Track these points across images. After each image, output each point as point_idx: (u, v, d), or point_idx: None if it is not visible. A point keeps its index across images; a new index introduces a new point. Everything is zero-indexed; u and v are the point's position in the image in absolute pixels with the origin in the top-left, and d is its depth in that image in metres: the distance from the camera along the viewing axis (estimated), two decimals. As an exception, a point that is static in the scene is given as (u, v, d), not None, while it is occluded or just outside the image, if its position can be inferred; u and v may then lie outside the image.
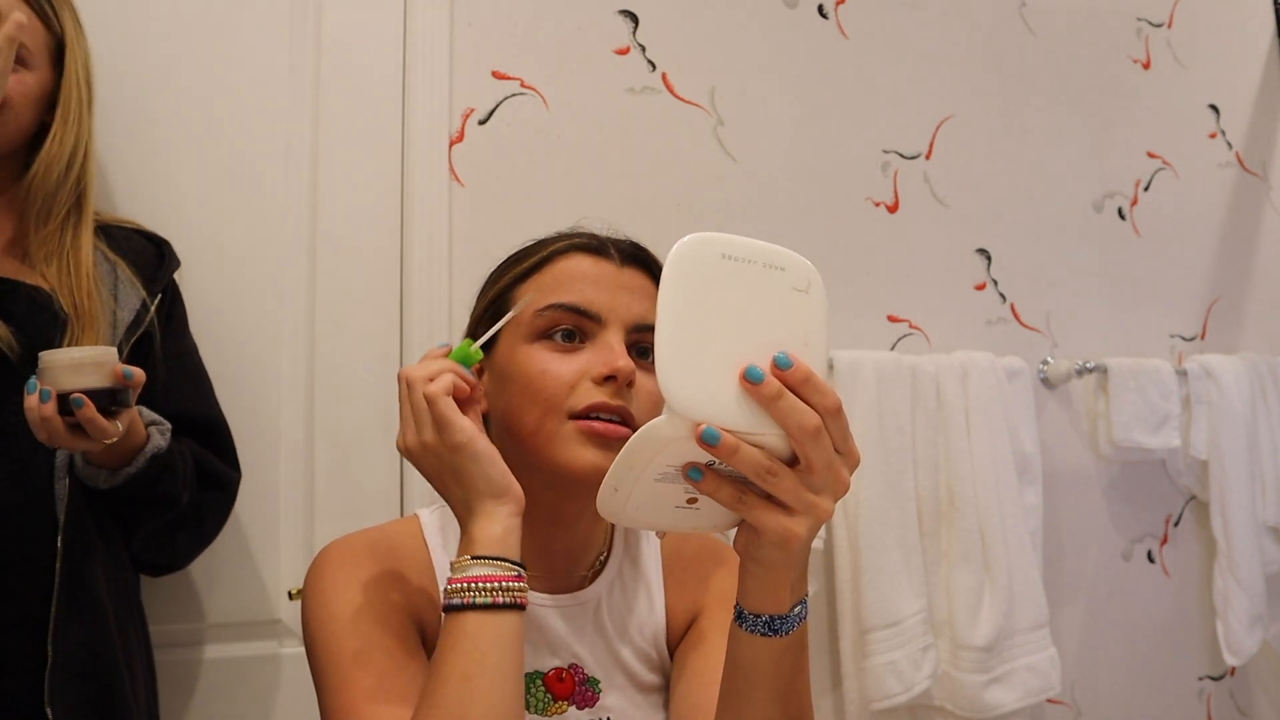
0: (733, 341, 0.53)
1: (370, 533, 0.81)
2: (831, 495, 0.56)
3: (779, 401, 0.52)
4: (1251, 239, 2.18)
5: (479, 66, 1.44)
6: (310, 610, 0.74)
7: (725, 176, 1.59)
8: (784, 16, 1.67)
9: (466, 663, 0.62)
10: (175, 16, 1.28)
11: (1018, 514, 1.61)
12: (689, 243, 0.54)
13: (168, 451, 1.00)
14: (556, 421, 0.72)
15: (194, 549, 1.14)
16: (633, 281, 0.77)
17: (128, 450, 0.97)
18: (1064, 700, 1.81)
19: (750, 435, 0.53)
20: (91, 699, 0.94)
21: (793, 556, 0.57)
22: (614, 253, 0.78)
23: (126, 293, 1.06)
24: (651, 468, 0.55)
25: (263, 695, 1.25)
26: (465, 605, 0.63)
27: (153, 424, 1.01)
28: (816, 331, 0.56)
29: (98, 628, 0.96)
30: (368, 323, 1.34)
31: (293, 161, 1.32)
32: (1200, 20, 2.15)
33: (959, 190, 1.79)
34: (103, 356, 0.89)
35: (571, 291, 0.75)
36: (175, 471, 1.02)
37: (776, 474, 0.54)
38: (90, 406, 0.86)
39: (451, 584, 0.65)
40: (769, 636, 0.61)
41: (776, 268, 0.56)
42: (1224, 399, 1.92)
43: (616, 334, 0.74)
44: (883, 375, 1.54)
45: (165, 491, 1.02)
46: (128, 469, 0.97)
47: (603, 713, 0.78)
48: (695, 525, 0.61)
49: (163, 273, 1.12)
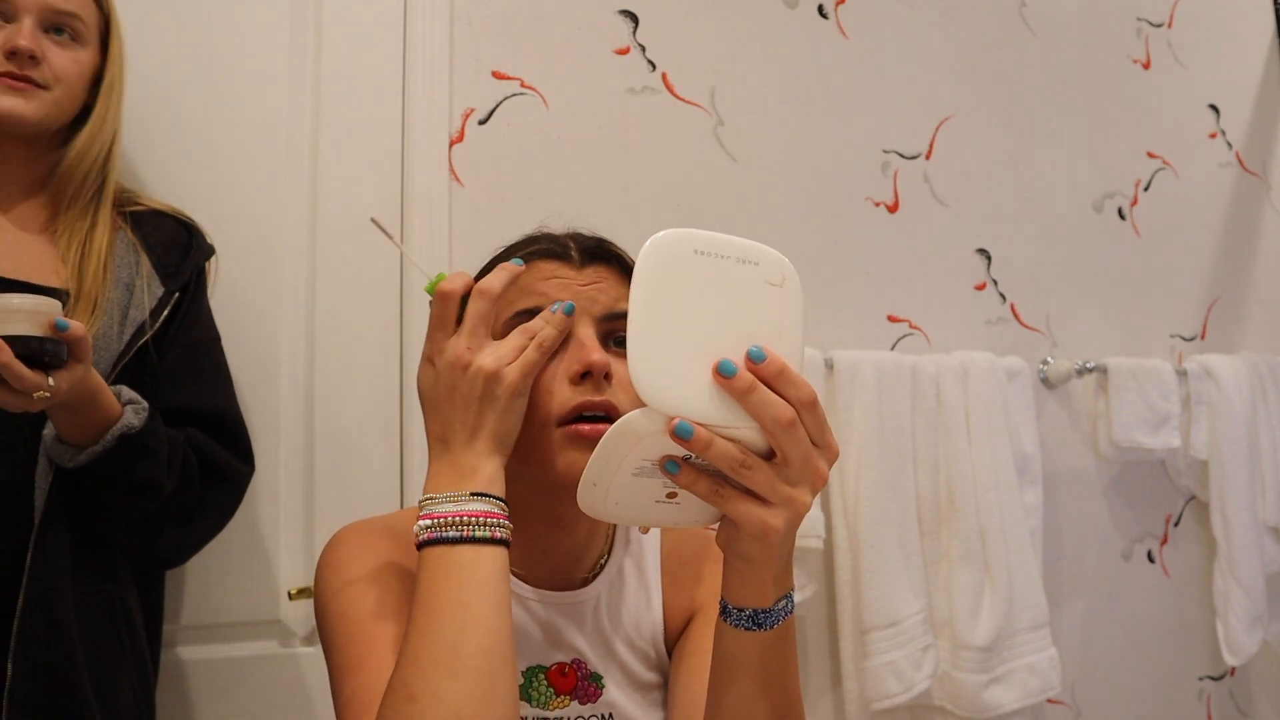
0: (706, 336, 0.53)
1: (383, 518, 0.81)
2: (809, 488, 0.55)
3: (752, 395, 0.52)
4: (1251, 239, 2.18)
5: (479, 66, 1.44)
6: (323, 578, 0.74)
7: (725, 176, 1.59)
8: (784, 16, 1.67)
9: (465, 592, 0.61)
10: (175, 16, 1.28)
11: (1018, 514, 1.61)
12: (661, 239, 0.54)
13: (144, 432, 0.96)
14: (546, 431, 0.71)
15: (190, 542, 1.09)
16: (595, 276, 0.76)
17: (97, 425, 0.93)
18: (1064, 700, 1.81)
19: (725, 429, 0.53)
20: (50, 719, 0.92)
21: (772, 549, 0.57)
22: (575, 254, 0.78)
23: (142, 291, 1.05)
24: (628, 462, 0.56)
25: (263, 695, 1.25)
26: (464, 538, 0.62)
27: (130, 402, 0.97)
28: (792, 325, 0.56)
29: (59, 648, 0.93)
30: (368, 323, 1.35)
31: (293, 161, 1.33)
32: (1200, 20, 2.15)
33: (959, 190, 1.79)
34: (39, 305, 0.83)
35: (534, 296, 0.74)
36: (155, 455, 0.98)
37: (751, 467, 0.53)
38: (6, 352, 0.80)
39: (447, 516, 0.63)
40: (753, 630, 0.61)
41: (750, 262, 0.55)
42: (1224, 399, 1.92)
43: (587, 328, 0.73)
44: (883, 375, 1.54)
45: (142, 476, 0.97)
46: (95, 447, 0.93)
47: (605, 708, 0.78)
48: (677, 520, 0.61)
49: (187, 264, 1.10)
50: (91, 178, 1.05)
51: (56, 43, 1.03)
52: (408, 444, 1.35)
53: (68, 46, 1.04)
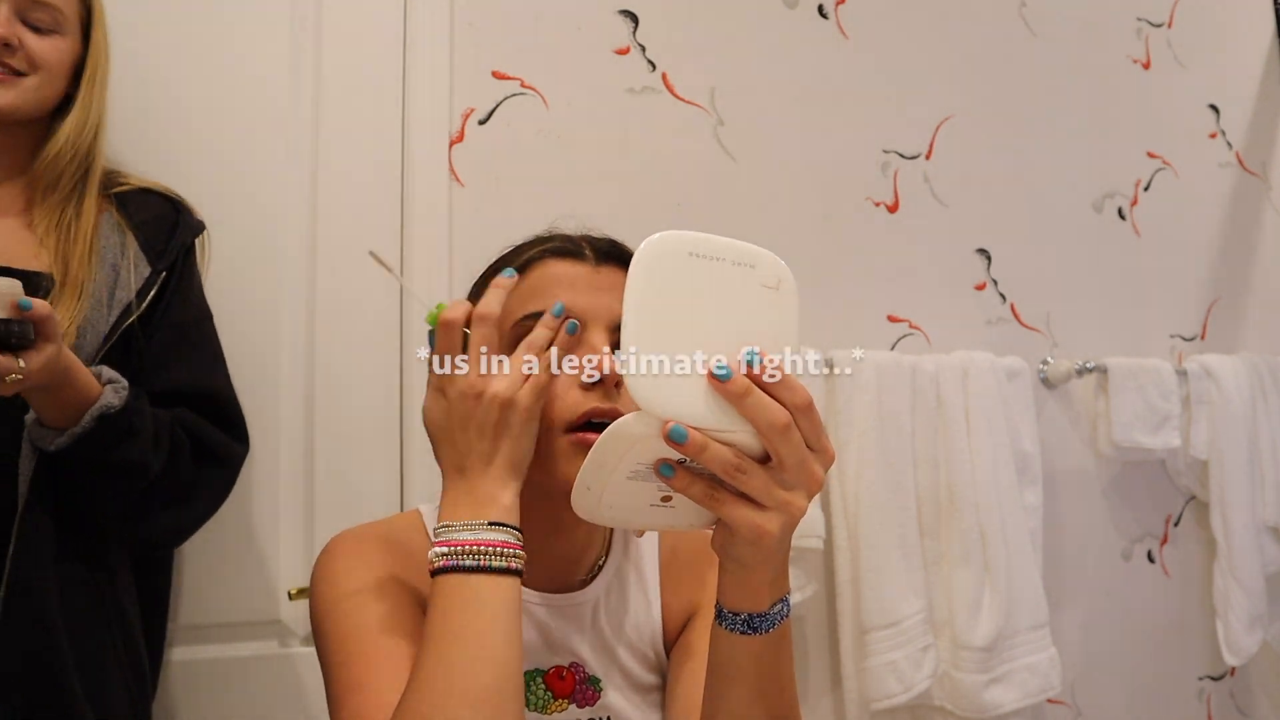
0: (700, 337, 0.53)
1: (377, 525, 0.81)
2: (805, 492, 0.55)
3: (747, 398, 0.52)
4: (1251, 239, 2.18)
5: (479, 66, 1.44)
6: (319, 591, 0.74)
7: (725, 176, 1.59)
8: (784, 16, 1.67)
9: (479, 622, 0.61)
10: (175, 16, 1.28)
11: (1018, 514, 1.61)
12: (655, 241, 0.54)
13: (125, 411, 0.94)
14: (552, 436, 0.70)
15: (183, 525, 1.07)
16: (611, 280, 0.75)
17: (76, 406, 0.91)
18: (1064, 700, 1.81)
19: (720, 433, 0.52)
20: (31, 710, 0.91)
21: (767, 554, 0.57)
22: (589, 253, 0.77)
23: (128, 272, 1.04)
24: (623, 466, 0.55)
25: (263, 695, 1.25)
26: (480, 567, 0.62)
27: (110, 382, 0.95)
28: (787, 328, 0.56)
29: (43, 638, 0.93)
30: (368, 323, 1.34)
31: (293, 161, 1.33)
32: (1200, 20, 2.15)
33: (959, 190, 1.79)
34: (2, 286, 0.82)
35: (549, 298, 0.73)
36: (137, 434, 0.96)
37: (746, 471, 0.53)
38: None
39: (464, 545, 0.62)
40: (748, 635, 0.61)
41: (746, 265, 0.55)
42: (1224, 399, 1.92)
43: (599, 335, 0.72)
44: (883, 375, 1.54)
45: (126, 456, 0.95)
46: (74, 429, 0.91)
47: (603, 711, 0.78)
48: (672, 524, 0.61)
49: (175, 242, 1.08)
50: (75, 166, 1.04)
51: (35, 31, 1.02)
52: (408, 444, 1.35)
53: (47, 35, 1.03)
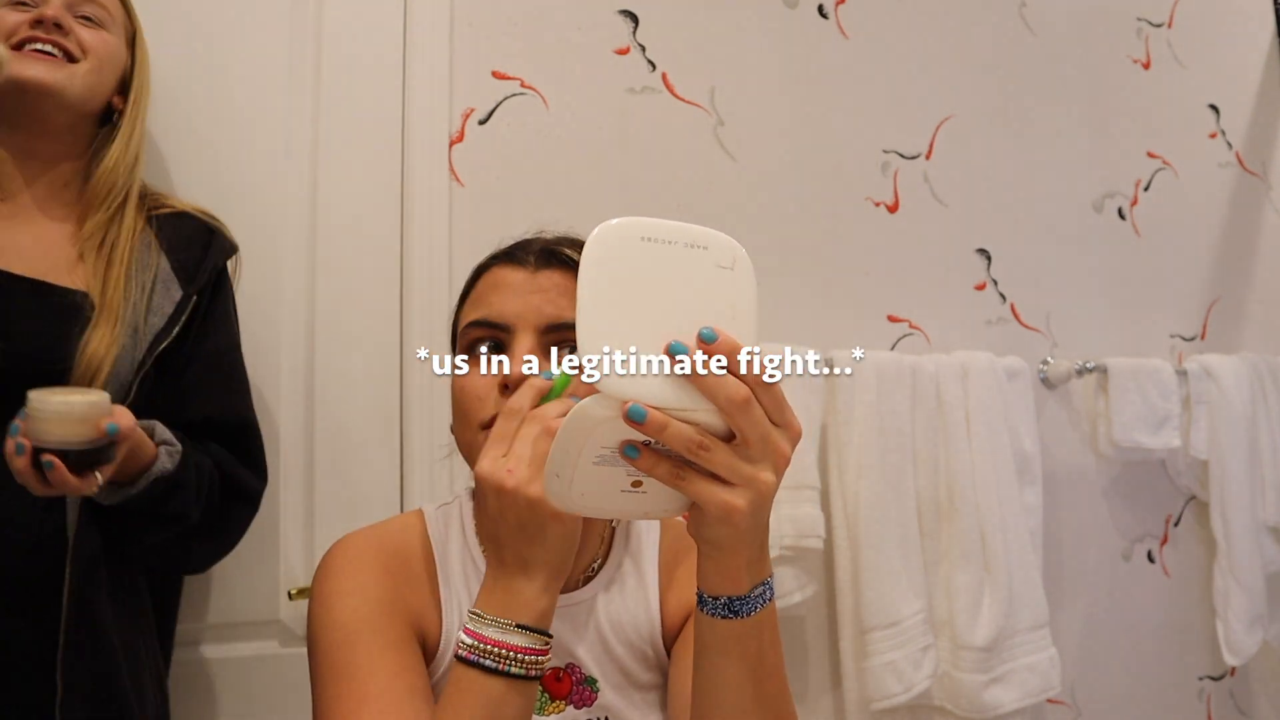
0: (657, 320, 0.53)
1: (377, 530, 0.81)
2: (770, 466, 0.55)
3: (705, 375, 0.52)
4: (1251, 239, 2.18)
5: (479, 66, 1.44)
6: (315, 612, 0.75)
7: (725, 176, 1.59)
8: (784, 16, 1.67)
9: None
10: (174, 17, 1.28)
11: (1017, 514, 1.61)
12: (607, 227, 0.54)
13: (178, 469, 0.97)
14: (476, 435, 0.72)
15: (213, 556, 1.12)
16: (548, 283, 0.76)
17: (132, 470, 0.93)
18: (1064, 700, 1.81)
19: (681, 412, 0.53)
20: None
21: (740, 533, 0.57)
22: (529, 258, 0.78)
23: (161, 296, 1.04)
24: (587, 450, 0.55)
25: (263, 695, 1.25)
26: (499, 670, 0.62)
27: (164, 444, 0.97)
28: (744, 306, 0.56)
29: (105, 658, 0.94)
30: (368, 323, 1.34)
31: (293, 161, 1.33)
32: (1200, 20, 2.15)
33: (959, 190, 1.79)
34: (89, 410, 0.83)
35: (484, 305, 0.76)
36: (185, 489, 0.99)
37: (710, 449, 0.53)
38: (60, 470, 0.81)
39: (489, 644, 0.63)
40: (730, 619, 0.61)
41: (699, 247, 0.55)
42: (1224, 399, 1.92)
43: (525, 340, 0.73)
44: (883, 375, 1.54)
45: (173, 510, 0.98)
46: (129, 489, 0.94)
47: (600, 711, 0.78)
48: (645, 510, 0.61)
49: (206, 266, 1.08)
50: (120, 186, 1.05)
51: (85, 25, 1.04)
52: (408, 444, 1.35)
53: (95, 29, 1.04)
